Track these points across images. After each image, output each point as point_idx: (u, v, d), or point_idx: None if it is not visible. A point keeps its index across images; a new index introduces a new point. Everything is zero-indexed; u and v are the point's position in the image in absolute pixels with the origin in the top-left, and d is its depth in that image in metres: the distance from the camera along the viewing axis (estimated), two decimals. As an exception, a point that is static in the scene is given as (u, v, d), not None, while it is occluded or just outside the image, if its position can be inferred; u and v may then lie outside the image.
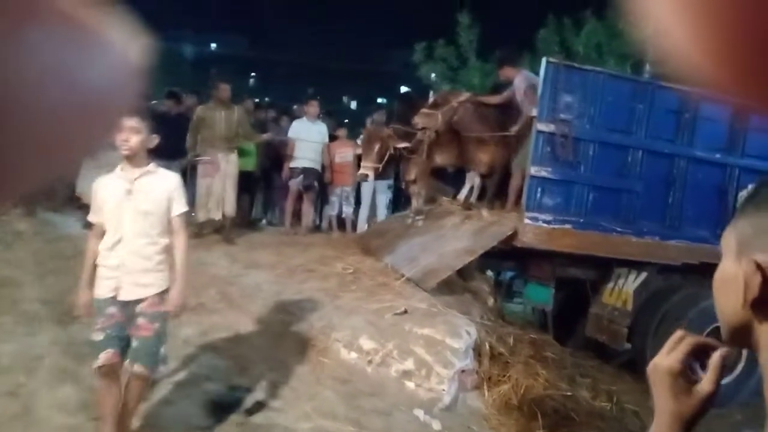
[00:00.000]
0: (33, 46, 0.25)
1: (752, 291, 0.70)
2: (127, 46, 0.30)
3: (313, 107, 8.04)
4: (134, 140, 3.05)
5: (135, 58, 0.30)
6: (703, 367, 0.82)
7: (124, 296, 3.08)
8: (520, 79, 5.65)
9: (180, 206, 3.19)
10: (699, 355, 0.84)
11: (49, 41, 0.25)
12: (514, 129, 5.57)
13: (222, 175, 6.78)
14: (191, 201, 6.98)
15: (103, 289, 3.09)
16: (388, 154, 6.08)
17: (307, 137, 7.72)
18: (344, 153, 8.20)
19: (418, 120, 5.71)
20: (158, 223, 3.13)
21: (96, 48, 0.28)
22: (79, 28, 0.27)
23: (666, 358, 0.84)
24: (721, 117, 5.40)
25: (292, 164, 7.75)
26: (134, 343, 3.08)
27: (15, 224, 6.68)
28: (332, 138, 8.35)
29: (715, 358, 0.82)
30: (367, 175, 6.32)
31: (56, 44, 0.26)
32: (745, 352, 5.50)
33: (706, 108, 5.31)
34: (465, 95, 6.00)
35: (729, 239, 0.76)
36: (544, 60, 4.96)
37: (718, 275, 0.77)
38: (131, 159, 3.11)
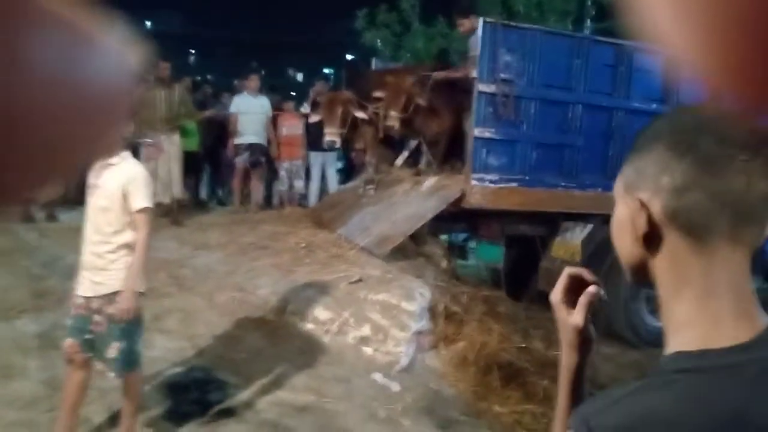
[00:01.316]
0: (30, 49, 0.25)
1: (640, 227, 0.74)
2: (123, 48, 0.30)
3: (254, 81, 7.88)
4: None
5: (131, 60, 0.31)
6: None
7: (82, 291, 3.01)
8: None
9: (138, 201, 2.94)
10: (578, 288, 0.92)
11: (46, 43, 0.25)
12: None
13: (166, 157, 6.65)
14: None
15: (77, 281, 3.04)
16: (349, 119, 5.95)
17: (249, 110, 7.57)
18: (292, 125, 8.08)
19: (392, 123, 5.58)
20: (116, 220, 2.94)
21: (93, 50, 0.28)
22: (75, 30, 0.27)
23: (552, 292, 0.93)
24: (655, 69, 5.55)
25: (237, 141, 7.60)
26: (95, 341, 3.00)
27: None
28: (279, 111, 8.22)
29: (584, 294, 0.88)
30: (334, 142, 6.14)
31: (53, 46, 0.26)
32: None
33: (641, 60, 5.45)
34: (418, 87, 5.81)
35: (618, 185, 0.80)
36: (480, 20, 4.96)
37: (614, 220, 0.81)
38: None
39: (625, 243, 0.78)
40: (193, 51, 34.91)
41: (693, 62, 0.26)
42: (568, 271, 0.95)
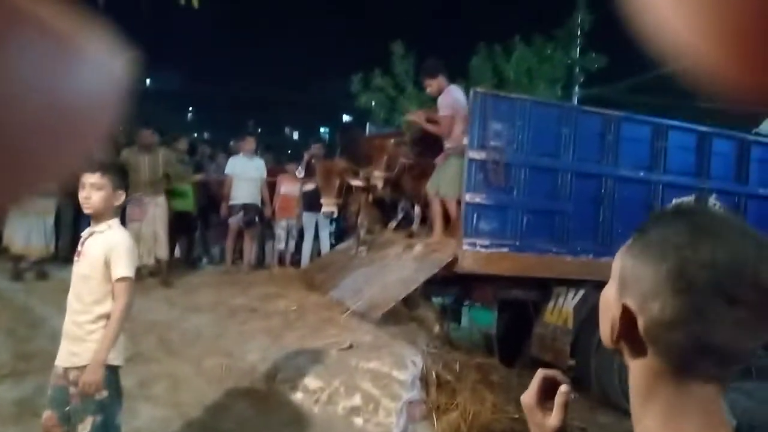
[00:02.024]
0: (13, 57, 0.24)
1: (617, 328, 0.75)
2: (110, 59, 0.29)
3: (249, 143, 7.99)
4: (96, 198, 2.80)
5: (119, 72, 0.30)
6: None
7: (60, 361, 2.90)
8: (444, 100, 5.63)
9: (119, 270, 2.83)
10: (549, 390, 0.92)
11: (29, 52, 0.25)
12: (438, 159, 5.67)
13: (150, 218, 6.76)
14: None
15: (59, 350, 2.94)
16: (344, 187, 6.06)
17: (244, 174, 7.65)
18: (291, 186, 8.19)
19: (376, 182, 5.76)
20: (97, 288, 2.85)
21: (79, 60, 0.27)
22: (60, 39, 0.26)
23: (525, 394, 0.92)
24: (642, 137, 5.68)
25: (231, 201, 7.66)
26: (71, 414, 2.89)
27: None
28: (279, 171, 8.35)
29: (558, 395, 0.88)
30: (332, 213, 6.24)
31: (37, 55, 0.25)
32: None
33: (628, 129, 5.58)
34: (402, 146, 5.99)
35: (616, 265, 0.79)
36: (471, 90, 5.10)
37: (603, 297, 0.80)
38: (95, 217, 2.88)
39: (605, 327, 0.78)
40: (191, 108, 35.56)
41: (697, 50, 0.26)
42: (541, 373, 0.95)
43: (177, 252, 8.12)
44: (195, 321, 5.47)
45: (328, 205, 6.02)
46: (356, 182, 6.00)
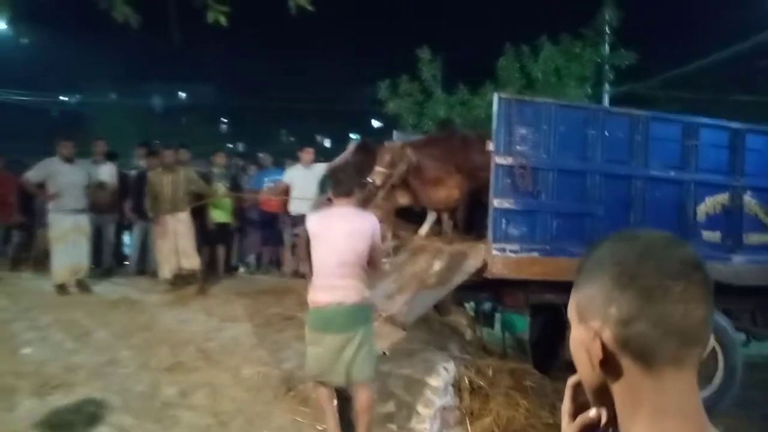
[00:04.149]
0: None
1: (596, 355, 0.81)
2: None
3: (308, 154, 8.14)
4: None
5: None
6: None
7: None
8: None
9: None
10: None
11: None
12: None
13: (172, 234, 7.10)
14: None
15: None
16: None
17: (305, 184, 7.70)
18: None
19: (374, 178, 5.82)
20: None
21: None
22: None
23: (563, 404, 0.96)
24: (672, 136, 5.62)
25: (292, 212, 7.79)
26: None
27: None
28: None
29: (581, 416, 0.90)
30: None
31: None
32: (722, 365, 5.61)
33: (657, 128, 5.52)
34: (408, 147, 6.04)
35: (571, 309, 0.88)
36: (495, 96, 5.13)
37: (571, 343, 0.88)
38: None
39: (583, 366, 0.85)
40: (225, 120, 36.24)
41: None
42: (571, 381, 0.96)
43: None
44: (232, 330, 5.63)
45: None
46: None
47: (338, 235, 3.77)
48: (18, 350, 5.14)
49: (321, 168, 7.73)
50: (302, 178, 7.78)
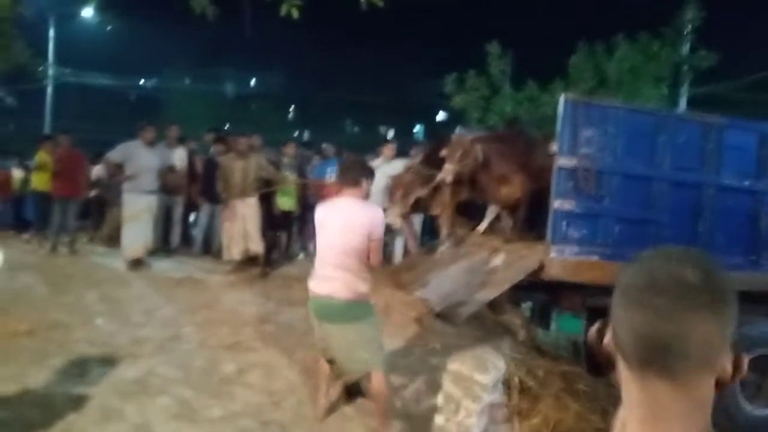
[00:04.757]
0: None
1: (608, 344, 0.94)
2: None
3: (390, 150, 8.26)
4: None
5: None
6: None
7: None
8: None
9: None
10: None
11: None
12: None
13: (240, 218, 7.34)
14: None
15: None
16: (412, 198, 6.23)
17: (377, 178, 7.81)
18: None
19: (443, 175, 5.84)
20: None
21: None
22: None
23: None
24: (747, 144, 5.38)
25: None
26: None
27: (66, 268, 7.09)
28: None
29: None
30: (393, 224, 6.50)
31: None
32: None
33: (731, 136, 5.30)
34: (478, 143, 6.02)
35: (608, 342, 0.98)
36: (561, 97, 5.05)
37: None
38: None
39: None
40: (292, 107, 36.98)
41: None
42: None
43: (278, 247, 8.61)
44: (289, 314, 5.82)
45: (390, 217, 6.21)
46: (419, 192, 6.17)
47: (334, 228, 3.81)
48: (91, 320, 5.49)
49: (400, 164, 7.70)
50: (380, 172, 7.85)
